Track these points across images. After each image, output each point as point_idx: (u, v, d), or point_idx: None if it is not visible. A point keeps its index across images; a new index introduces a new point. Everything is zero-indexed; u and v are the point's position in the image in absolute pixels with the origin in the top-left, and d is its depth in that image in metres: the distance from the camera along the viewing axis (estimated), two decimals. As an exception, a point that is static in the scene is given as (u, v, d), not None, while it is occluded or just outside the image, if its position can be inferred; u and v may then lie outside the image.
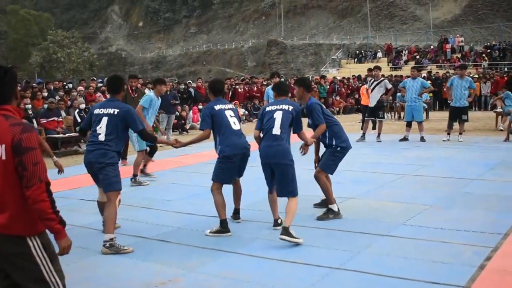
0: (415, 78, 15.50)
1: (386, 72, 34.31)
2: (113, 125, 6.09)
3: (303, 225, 6.68)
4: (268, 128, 6.37)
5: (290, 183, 6.26)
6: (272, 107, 6.51)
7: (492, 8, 66.45)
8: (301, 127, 6.60)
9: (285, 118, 6.36)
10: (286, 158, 6.25)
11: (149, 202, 8.44)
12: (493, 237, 6.10)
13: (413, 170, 10.52)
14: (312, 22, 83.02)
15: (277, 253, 5.75)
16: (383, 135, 15.67)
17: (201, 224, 6.89)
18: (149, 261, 5.69)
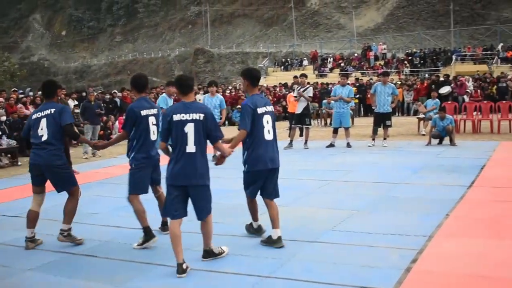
0: (344, 86, 15.79)
1: (312, 79, 34.80)
2: (53, 124, 6.30)
3: (233, 234, 6.63)
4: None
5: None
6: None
7: (412, 17, 68.80)
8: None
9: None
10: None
11: (76, 216, 8.15)
12: (418, 239, 6.22)
13: (340, 176, 10.66)
14: (238, 31, 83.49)
15: (207, 264, 5.66)
16: (310, 141, 15.84)
17: (129, 237, 6.71)
18: (76, 278, 5.48)
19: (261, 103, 6.27)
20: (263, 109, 6.22)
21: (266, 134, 6.20)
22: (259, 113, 6.16)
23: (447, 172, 10.66)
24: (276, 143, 6.36)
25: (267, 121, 6.21)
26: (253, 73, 6.44)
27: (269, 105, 6.39)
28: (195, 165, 5.46)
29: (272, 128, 6.28)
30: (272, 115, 6.32)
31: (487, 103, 19.55)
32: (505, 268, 5.26)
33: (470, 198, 8.34)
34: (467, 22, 63.86)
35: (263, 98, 6.55)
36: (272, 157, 6.31)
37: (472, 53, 43.16)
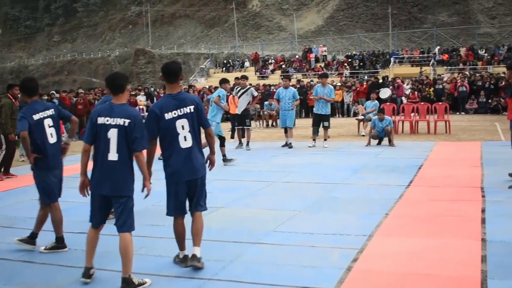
0: (287, 88, 15.93)
1: (254, 81, 34.96)
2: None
3: (173, 237, 6.56)
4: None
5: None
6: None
7: (352, 20, 70.05)
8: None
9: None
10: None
11: (10, 221, 7.92)
12: (359, 238, 6.32)
13: (282, 177, 10.72)
14: (180, 32, 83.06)
15: (150, 267, 5.57)
16: (252, 143, 15.92)
17: (67, 241, 6.54)
18: (12, 284, 5.31)
19: (171, 106, 5.31)
20: (174, 113, 5.30)
21: (182, 141, 5.32)
22: (167, 118, 5.28)
23: (386, 172, 10.89)
24: (197, 150, 5.43)
25: (182, 126, 5.31)
26: (168, 68, 5.47)
27: (185, 106, 5.35)
28: (115, 174, 5.06)
29: (191, 133, 5.36)
30: (190, 117, 5.35)
31: (424, 104, 20.08)
32: (442, 265, 5.40)
33: (408, 198, 8.54)
34: (405, 25, 65.49)
35: (178, 98, 5.38)
36: (191, 167, 5.33)
37: (410, 55, 44.28)
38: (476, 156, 12.67)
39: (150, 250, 6.11)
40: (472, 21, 63.34)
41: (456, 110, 28.26)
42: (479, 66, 38.40)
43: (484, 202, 8.00)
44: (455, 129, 19.06)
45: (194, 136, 5.38)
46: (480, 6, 66.48)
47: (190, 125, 5.35)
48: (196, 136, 5.42)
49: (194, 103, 5.42)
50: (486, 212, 7.39)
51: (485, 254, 5.66)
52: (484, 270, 5.20)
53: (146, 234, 6.71)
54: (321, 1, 76.00)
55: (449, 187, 9.27)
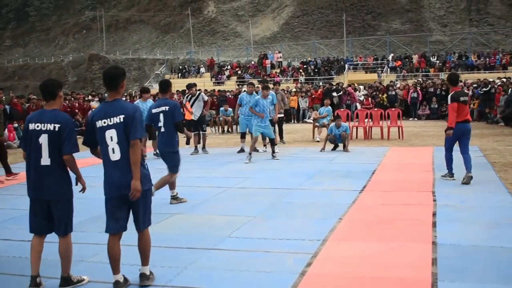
0: (251, 94, 15.97)
1: (210, 87, 34.93)
2: None
3: (128, 244, 6.48)
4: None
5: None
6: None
7: (307, 27, 70.71)
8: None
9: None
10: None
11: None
12: (313, 243, 6.37)
13: (237, 183, 10.73)
14: (135, 37, 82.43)
15: (101, 275, 5.50)
16: (208, 148, 15.97)
17: (19, 250, 6.41)
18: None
19: (102, 113, 5.03)
20: (104, 121, 4.99)
21: (111, 153, 4.99)
22: (97, 126, 5.02)
23: (340, 178, 11.01)
24: (129, 164, 4.98)
25: (110, 137, 4.96)
26: (104, 73, 5.18)
27: (116, 115, 4.99)
28: (48, 178, 5.08)
29: (120, 146, 4.97)
30: (119, 127, 4.96)
31: (378, 110, 20.39)
32: (394, 268, 5.49)
33: (361, 202, 8.65)
34: (359, 32, 66.48)
35: (112, 106, 5.05)
36: (120, 182, 4.97)
37: (364, 62, 44.94)
38: (428, 161, 12.92)
39: (103, 258, 6.00)
40: (424, 29, 64.73)
41: (409, 116, 28.82)
42: (431, 73, 39.23)
43: (435, 206, 8.16)
44: (408, 134, 19.41)
45: (123, 149, 4.98)
46: (432, 14, 68.00)
47: (119, 137, 4.97)
48: (126, 149, 4.98)
49: (125, 113, 4.98)
50: (437, 216, 7.54)
51: (436, 257, 5.78)
52: (434, 273, 5.30)
53: (99, 242, 6.64)
54: (277, 7, 76.51)
55: (402, 191, 9.43)
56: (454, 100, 10.03)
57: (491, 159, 12.77)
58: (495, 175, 10.77)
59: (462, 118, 10.09)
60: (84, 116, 25.00)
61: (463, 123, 10.10)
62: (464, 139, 10.21)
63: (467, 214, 7.68)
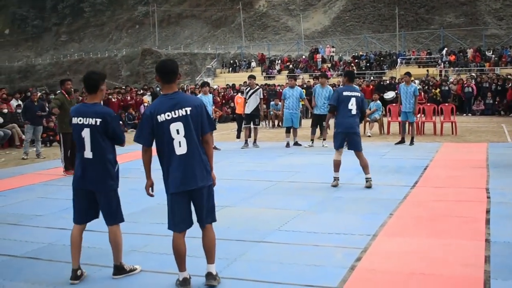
0: (293, 87, 15.98)
1: (260, 81, 35.00)
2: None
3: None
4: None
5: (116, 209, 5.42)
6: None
7: (359, 20, 69.94)
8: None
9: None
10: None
11: (16, 218, 7.97)
12: (363, 238, 6.34)
13: (287, 177, 10.75)
14: (186, 32, 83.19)
15: (153, 265, 5.62)
16: (258, 142, 16.02)
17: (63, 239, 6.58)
18: (18, 280, 5.36)
19: (165, 106, 4.84)
20: (168, 115, 4.81)
21: (176, 147, 4.83)
22: (159, 121, 4.82)
23: (391, 173, 10.90)
24: (196, 158, 4.87)
25: (176, 130, 4.81)
26: (164, 66, 5.02)
27: (181, 107, 4.84)
28: (92, 171, 5.21)
29: (186, 139, 4.83)
30: (187, 120, 4.83)
31: (431, 105, 20.07)
32: (444, 265, 5.41)
33: (413, 198, 8.54)
34: (412, 26, 65.35)
35: (174, 98, 4.88)
36: (188, 176, 4.83)
37: (417, 56, 44.21)
38: (482, 157, 12.64)
39: (154, 248, 6.15)
40: (479, 22, 63.15)
41: (463, 112, 28.21)
42: (486, 68, 38.29)
43: (489, 203, 8.00)
44: (461, 130, 19.03)
45: (191, 142, 4.85)
46: (488, 7, 66.26)
47: (186, 130, 4.83)
48: (194, 142, 4.87)
49: (192, 105, 4.88)
50: (491, 213, 7.39)
51: (489, 254, 5.68)
52: (487, 271, 5.21)
53: (151, 232, 6.79)
54: (328, 1, 75.95)
55: (454, 187, 9.27)
56: None
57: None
58: (553, 172, 10.47)
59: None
60: (137, 110, 25.44)
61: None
62: None
63: (522, 212, 7.51)
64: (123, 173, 6.44)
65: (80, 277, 5.24)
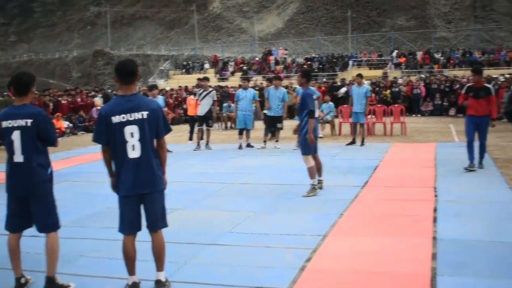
0: (246, 89, 16.03)
1: (214, 83, 34.96)
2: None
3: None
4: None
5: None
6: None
7: (312, 23, 70.58)
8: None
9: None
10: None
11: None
12: (313, 238, 6.38)
13: (239, 179, 10.74)
14: (139, 33, 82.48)
15: (102, 270, 5.53)
16: (210, 144, 15.99)
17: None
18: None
19: (121, 108, 4.74)
20: (123, 117, 4.71)
21: (129, 150, 4.74)
22: (113, 122, 4.71)
23: (342, 174, 11.02)
24: (149, 162, 4.81)
25: (131, 133, 4.72)
26: (123, 66, 4.89)
27: (138, 110, 4.74)
28: (25, 176, 4.95)
29: (141, 142, 4.75)
30: (142, 124, 4.74)
31: (381, 106, 20.39)
32: (394, 263, 5.50)
33: (363, 198, 8.66)
34: (364, 29, 66.34)
35: (133, 101, 4.79)
36: (140, 180, 4.76)
37: (368, 58, 44.84)
38: (430, 157, 12.91)
39: (104, 253, 6.07)
40: (429, 25, 64.54)
41: (412, 112, 28.76)
42: (435, 69, 39.12)
43: (436, 202, 8.18)
44: (411, 130, 19.39)
45: (145, 146, 4.77)
46: (437, 11, 67.80)
47: (140, 133, 4.74)
48: (148, 146, 4.79)
49: (149, 108, 4.80)
50: (438, 211, 7.56)
51: (436, 252, 5.80)
52: (434, 267, 5.33)
53: (100, 237, 6.69)
54: (282, 3, 76.41)
55: (403, 187, 9.45)
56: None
57: (493, 155, 12.74)
58: (497, 171, 10.77)
59: None
60: (87, 112, 25.06)
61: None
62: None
63: (468, 210, 7.70)
64: (72, 177, 6.34)
65: (25, 285, 5.09)
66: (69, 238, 6.70)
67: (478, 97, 10.70)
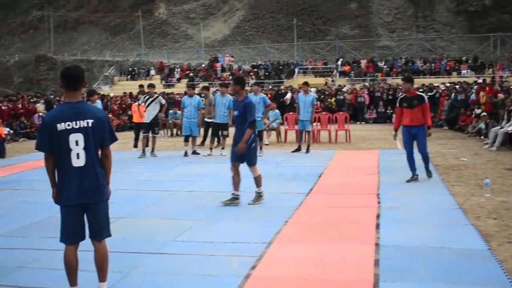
0: (192, 96, 16.00)
1: (159, 90, 34.67)
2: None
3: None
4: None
5: None
6: None
7: (258, 30, 70.93)
8: None
9: None
10: None
11: None
12: (258, 246, 6.40)
13: (185, 186, 10.68)
14: (84, 38, 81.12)
15: (43, 281, 5.40)
16: (156, 151, 15.86)
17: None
18: None
19: (66, 115, 4.64)
20: (68, 124, 4.62)
21: (74, 159, 4.64)
22: (58, 129, 4.60)
23: (287, 181, 11.09)
24: (93, 171, 4.73)
25: (76, 141, 4.62)
26: (69, 72, 4.77)
27: (84, 118, 4.66)
28: None
29: (86, 151, 4.67)
30: (87, 132, 4.66)
31: (326, 114, 20.65)
32: (337, 270, 5.57)
33: (308, 205, 8.74)
34: (309, 37, 67.05)
35: (78, 108, 4.70)
36: (84, 189, 4.67)
37: (313, 66, 45.37)
38: (374, 164, 13.15)
39: (45, 263, 5.91)
40: (372, 34, 65.76)
41: (356, 120, 29.25)
42: (378, 78, 39.91)
43: (379, 208, 8.32)
44: (355, 138, 19.69)
45: (89, 155, 4.69)
46: (380, 20, 69.16)
47: (85, 142, 4.67)
48: (93, 155, 4.73)
49: (95, 117, 4.72)
50: (381, 218, 7.69)
51: (378, 258, 5.89)
52: (376, 274, 5.41)
53: (41, 247, 6.53)
54: (228, 11, 76.55)
55: (347, 194, 9.58)
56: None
57: (435, 162, 13.06)
58: (438, 177, 11.04)
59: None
60: (29, 118, 24.46)
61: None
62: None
63: (410, 216, 7.86)
64: (12, 185, 6.18)
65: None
66: (9, 248, 6.56)
67: (413, 107, 10.53)
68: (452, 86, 26.90)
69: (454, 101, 24.30)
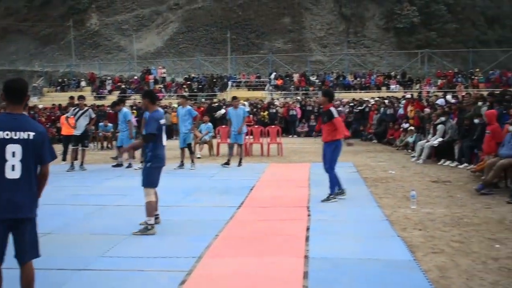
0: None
1: (90, 101, 34.06)
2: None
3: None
4: None
5: None
6: None
7: (192, 43, 70.78)
8: None
9: None
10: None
11: None
12: (188, 261, 6.36)
13: (114, 200, 10.50)
14: (12, 47, 78.71)
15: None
16: (86, 165, 15.56)
17: None
18: None
19: (6, 125, 4.52)
20: (7, 133, 4.49)
21: (8, 170, 4.47)
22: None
23: (219, 194, 11.08)
24: (28, 185, 4.57)
25: (13, 152, 4.48)
26: (10, 85, 4.68)
27: (24, 130, 4.55)
28: None
29: (22, 163, 4.51)
30: (26, 144, 4.53)
31: (258, 127, 20.79)
32: (266, 283, 5.61)
33: (238, 218, 8.76)
34: (243, 50, 67.38)
35: (19, 120, 4.60)
36: (15, 204, 4.46)
37: (247, 80, 45.64)
38: (305, 177, 13.30)
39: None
40: (305, 49, 66.73)
41: (288, 133, 29.57)
42: (310, 91, 40.51)
43: (309, 221, 8.43)
44: (287, 151, 19.87)
45: (26, 168, 4.53)
46: (313, 35, 70.30)
47: (23, 154, 4.51)
48: (29, 169, 4.56)
49: (35, 131, 4.60)
50: (310, 230, 7.79)
51: (307, 270, 5.96)
52: (305, 286, 5.47)
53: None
54: (162, 23, 76.05)
55: (278, 207, 9.65)
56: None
57: (364, 175, 13.36)
58: (367, 190, 11.29)
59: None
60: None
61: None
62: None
63: (339, 228, 8.00)
64: None
65: None
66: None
67: (324, 122, 10.48)
68: (381, 101, 27.62)
69: (383, 115, 24.93)
